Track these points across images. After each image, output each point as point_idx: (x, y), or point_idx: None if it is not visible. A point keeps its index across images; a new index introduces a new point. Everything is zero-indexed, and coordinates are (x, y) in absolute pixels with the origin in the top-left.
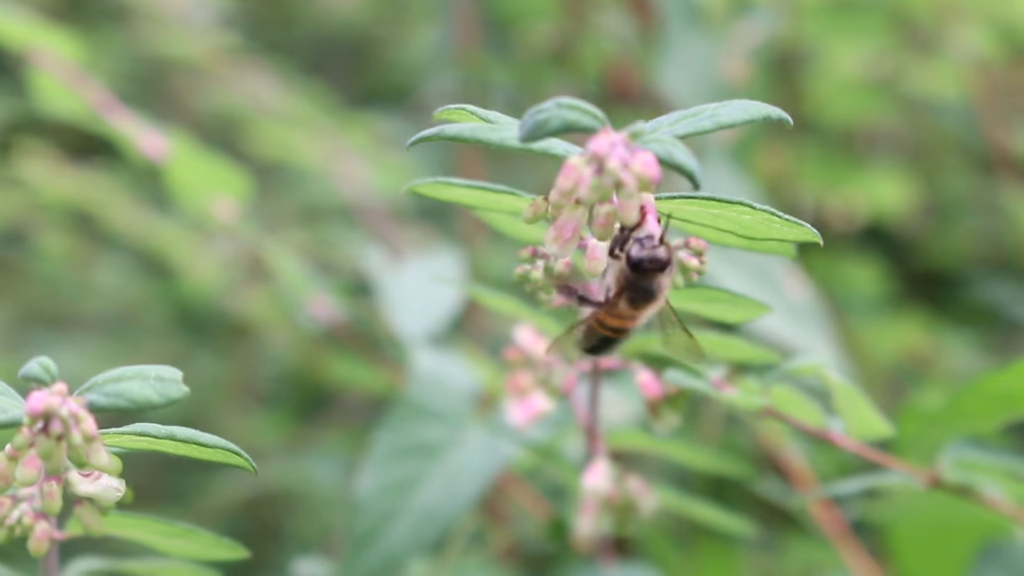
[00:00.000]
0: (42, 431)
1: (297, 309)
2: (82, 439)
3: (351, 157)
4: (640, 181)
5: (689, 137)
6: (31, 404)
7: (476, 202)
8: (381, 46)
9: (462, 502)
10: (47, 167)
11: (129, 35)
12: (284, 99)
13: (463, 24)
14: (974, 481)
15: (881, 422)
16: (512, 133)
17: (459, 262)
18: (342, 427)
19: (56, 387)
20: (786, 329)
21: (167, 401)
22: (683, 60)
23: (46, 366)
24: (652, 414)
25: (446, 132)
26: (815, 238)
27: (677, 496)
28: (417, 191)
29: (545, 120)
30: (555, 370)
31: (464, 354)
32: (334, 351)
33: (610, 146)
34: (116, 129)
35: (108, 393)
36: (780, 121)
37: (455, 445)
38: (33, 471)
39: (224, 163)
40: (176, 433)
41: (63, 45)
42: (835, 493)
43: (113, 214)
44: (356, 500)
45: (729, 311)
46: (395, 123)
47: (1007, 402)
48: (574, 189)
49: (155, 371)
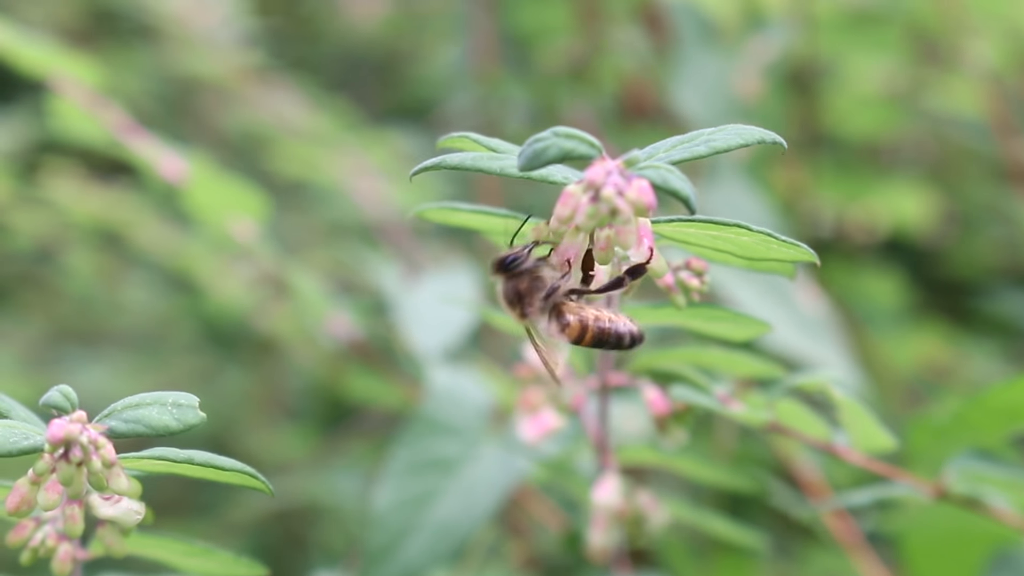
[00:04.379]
0: (63, 457)
1: (316, 327)
2: (101, 465)
3: (373, 175)
4: (636, 207)
5: (685, 163)
6: (52, 431)
7: (482, 226)
8: (407, 61)
9: (478, 516)
10: (74, 187)
11: (156, 54)
12: (308, 117)
13: (482, 42)
14: (980, 492)
15: (885, 436)
16: (512, 162)
17: (475, 279)
18: (367, 439)
19: (76, 414)
20: (799, 341)
21: (185, 427)
22: (696, 77)
23: (66, 394)
24: (660, 430)
25: (448, 162)
26: (812, 258)
27: (691, 509)
28: (424, 216)
29: (543, 149)
30: (565, 387)
31: (479, 370)
32: (354, 367)
33: (606, 174)
34: (135, 153)
35: (127, 419)
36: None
37: (470, 460)
38: (55, 496)
39: (242, 184)
40: (194, 457)
41: (82, 70)
42: (847, 504)
43: (139, 233)
44: (373, 515)
45: (731, 329)
46: (417, 139)
47: (1011, 415)
48: (572, 216)
49: (173, 397)
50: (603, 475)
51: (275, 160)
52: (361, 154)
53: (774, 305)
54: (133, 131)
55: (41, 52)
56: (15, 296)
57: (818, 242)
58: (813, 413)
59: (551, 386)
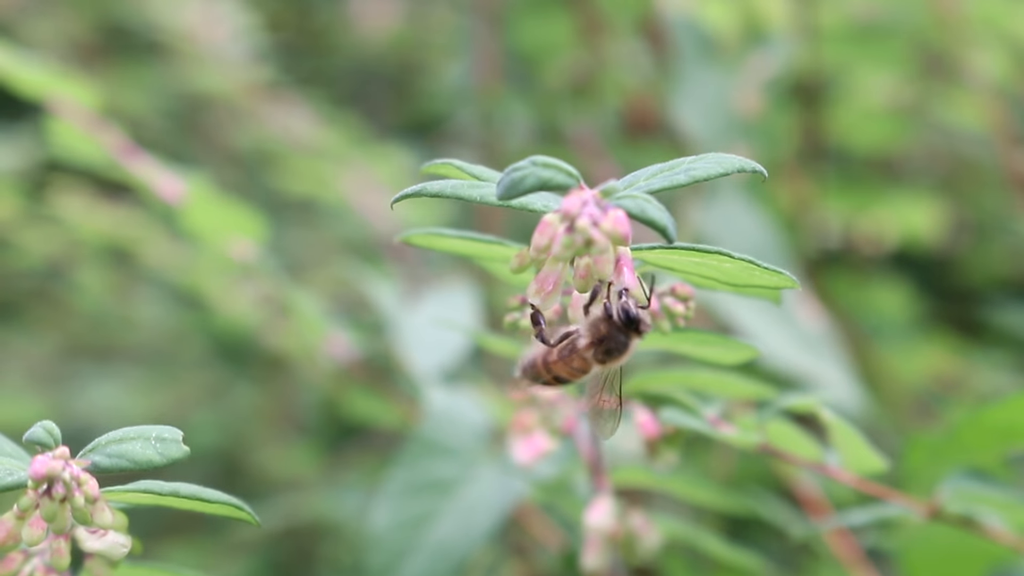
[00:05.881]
0: (46, 494)
1: (315, 348)
2: (84, 501)
3: (380, 191)
4: (612, 237)
5: (664, 192)
6: (34, 468)
7: (469, 251)
8: (416, 75)
9: (476, 537)
10: (83, 205)
11: (166, 71)
12: (316, 133)
13: (485, 59)
14: (975, 512)
15: (875, 458)
16: (491, 190)
17: (473, 299)
18: (374, 454)
19: (59, 450)
20: (799, 358)
21: (168, 461)
22: (696, 94)
23: (49, 430)
24: (650, 453)
25: (428, 190)
26: (795, 285)
27: (689, 529)
28: (410, 241)
29: (521, 179)
30: (556, 410)
31: (477, 390)
32: (354, 387)
33: (581, 204)
34: (134, 174)
35: (111, 454)
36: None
37: (468, 481)
38: (39, 531)
39: (241, 205)
40: (180, 490)
41: (81, 92)
42: (845, 523)
43: (148, 250)
44: (371, 536)
45: (721, 353)
46: (424, 154)
47: (1005, 435)
48: (549, 245)
49: (156, 431)
50: (596, 497)
51: (284, 177)
52: (369, 169)
53: (773, 322)
54: (132, 153)
55: (39, 75)
56: (27, 313)
57: (825, 254)
58: (805, 434)
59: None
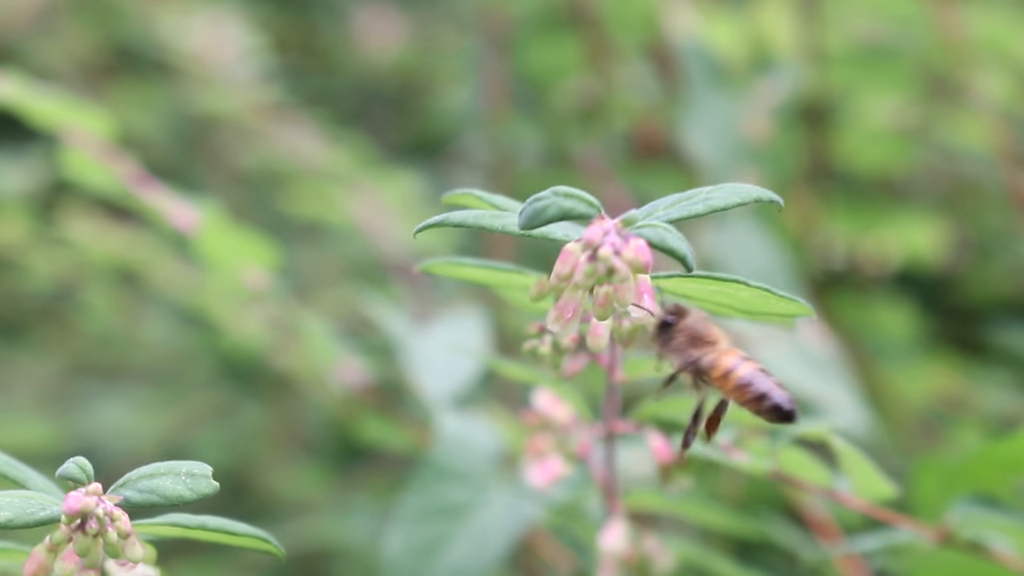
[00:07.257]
0: (79, 529)
1: (325, 372)
2: (117, 536)
3: (389, 213)
4: (633, 266)
5: (683, 221)
6: (68, 504)
7: (486, 280)
8: (422, 94)
9: (488, 561)
10: (91, 227)
11: (172, 91)
12: (324, 154)
13: (493, 82)
14: (984, 537)
15: (884, 484)
16: (513, 220)
17: (483, 324)
18: (384, 476)
19: (92, 487)
20: (807, 381)
21: (198, 496)
22: (705, 118)
23: (82, 466)
24: (664, 477)
25: (451, 220)
26: (810, 312)
27: (700, 552)
28: (430, 270)
29: (543, 208)
30: (571, 434)
31: (488, 414)
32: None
33: (603, 234)
34: (147, 204)
35: (142, 489)
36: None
37: (480, 506)
38: (71, 565)
39: (254, 234)
40: (207, 523)
41: (92, 121)
42: (855, 549)
43: (156, 272)
44: (384, 562)
45: None
46: (431, 175)
47: (1012, 468)
48: (571, 274)
49: (187, 467)
50: (610, 521)
51: (291, 198)
52: (376, 191)
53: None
54: (144, 182)
55: (51, 104)
56: (34, 332)
57: (830, 275)
58: (815, 460)
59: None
